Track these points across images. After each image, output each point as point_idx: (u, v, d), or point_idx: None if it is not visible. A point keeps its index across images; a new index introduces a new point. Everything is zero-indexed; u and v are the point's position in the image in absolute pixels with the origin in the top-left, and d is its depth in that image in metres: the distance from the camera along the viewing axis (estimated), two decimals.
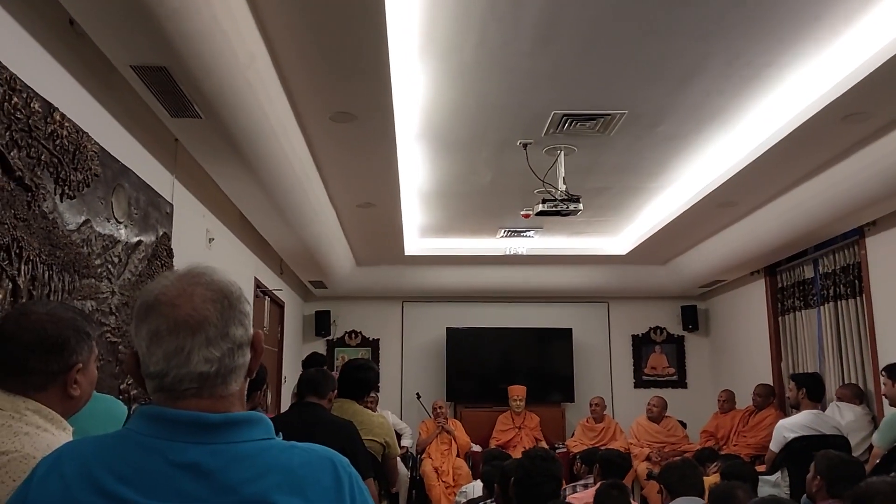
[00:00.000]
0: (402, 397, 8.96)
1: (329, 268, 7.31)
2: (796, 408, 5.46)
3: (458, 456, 7.71)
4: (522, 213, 5.82)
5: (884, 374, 4.86)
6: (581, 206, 4.96)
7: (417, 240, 7.62)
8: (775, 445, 5.21)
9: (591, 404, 8.26)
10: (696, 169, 5.42)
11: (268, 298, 6.88)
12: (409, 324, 9.22)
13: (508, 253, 7.82)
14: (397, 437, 5.58)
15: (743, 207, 6.01)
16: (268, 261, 6.69)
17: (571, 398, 8.83)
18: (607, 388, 9.02)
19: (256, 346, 1.16)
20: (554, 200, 4.94)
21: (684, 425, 7.91)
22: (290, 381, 7.47)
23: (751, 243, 6.56)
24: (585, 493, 4.05)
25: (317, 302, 9.05)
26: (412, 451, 7.78)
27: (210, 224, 4.92)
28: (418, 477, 7.55)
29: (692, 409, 8.48)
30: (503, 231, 7.28)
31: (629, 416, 8.28)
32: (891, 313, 5.52)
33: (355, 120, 4.18)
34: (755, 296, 7.81)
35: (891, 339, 5.50)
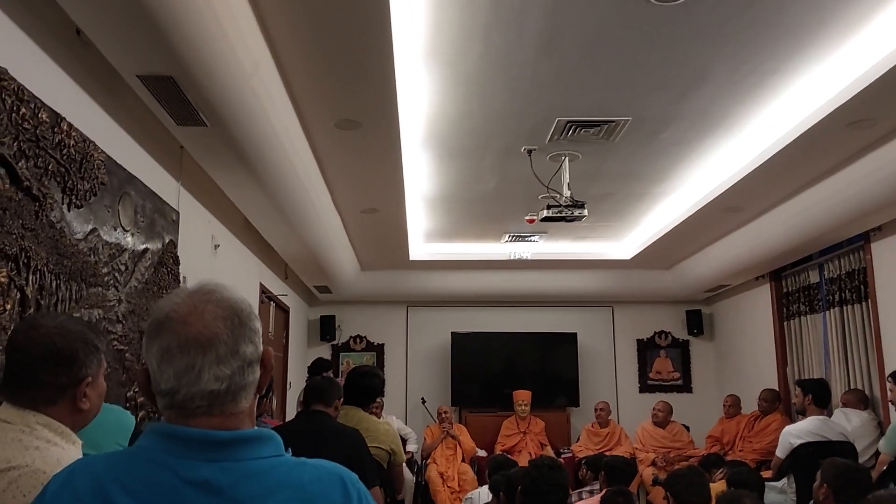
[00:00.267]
0: (407, 402, 8.96)
1: (334, 273, 7.32)
2: (802, 414, 5.44)
3: (463, 461, 7.70)
4: (527, 217, 5.82)
5: (890, 379, 4.85)
6: (586, 212, 4.96)
7: (422, 244, 7.63)
8: (781, 451, 5.20)
9: (596, 409, 8.23)
10: (700, 174, 5.42)
11: (273, 303, 6.89)
12: (414, 328, 9.23)
13: (513, 258, 7.82)
14: (402, 442, 5.58)
15: (748, 212, 6.01)
16: (273, 266, 6.70)
17: (576, 402, 8.83)
18: (612, 393, 9.01)
19: (266, 363, 1.17)
20: (559, 206, 4.95)
21: (687, 429, 7.90)
22: (296, 385, 7.48)
23: (756, 248, 6.55)
24: (591, 501, 4.05)
25: (322, 306, 9.06)
26: (417, 457, 7.78)
27: (215, 230, 4.93)
28: (423, 482, 7.54)
29: (697, 413, 8.48)
30: (508, 236, 7.29)
31: (634, 421, 8.27)
32: None
33: (360, 127, 4.19)
34: (760, 300, 7.79)
35: None
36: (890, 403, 4.97)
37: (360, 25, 3.12)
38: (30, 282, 2.57)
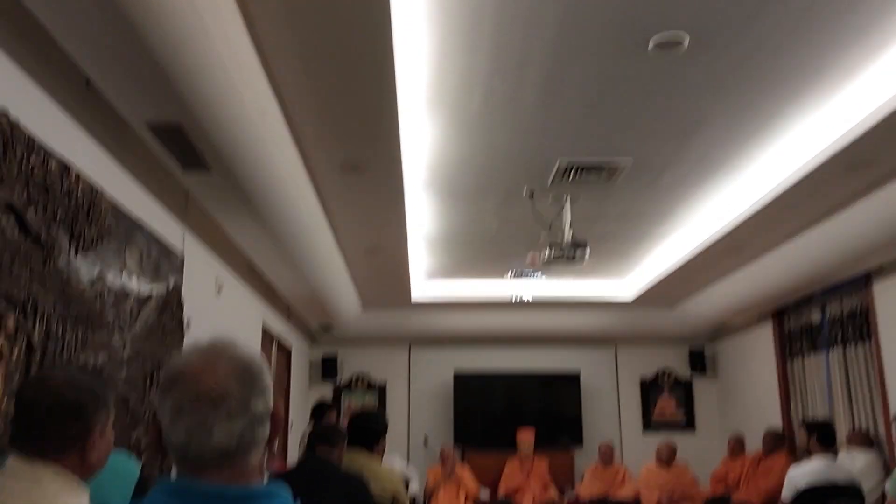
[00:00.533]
0: (410, 441, 8.89)
1: (336, 312, 7.33)
2: (808, 454, 5.40)
3: (465, 501, 7.62)
4: (531, 253, 5.84)
5: (895, 420, 4.82)
6: (588, 253, 4.98)
7: (424, 283, 7.64)
8: (787, 495, 5.15)
9: (600, 449, 8.18)
10: (702, 215, 5.45)
11: (275, 343, 6.89)
12: (416, 367, 9.19)
13: (515, 301, 7.80)
14: (405, 484, 5.54)
15: (749, 252, 6.03)
16: (275, 306, 6.71)
17: (580, 442, 8.77)
18: (616, 432, 8.96)
19: (276, 419, 1.19)
20: (561, 247, 4.98)
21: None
22: (297, 425, 7.44)
23: (758, 288, 6.56)
24: None
25: (324, 346, 9.04)
26: (419, 499, 7.70)
27: (219, 272, 4.95)
28: None
29: (701, 452, 8.41)
30: (511, 271, 7.27)
31: (638, 461, 8.21)
32: None
33: (365, 171, 4.24)
34: (762, 339, 7.78)
35: None
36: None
37: (365, 72, 3.17)
38: (36, 328, 2.59)
